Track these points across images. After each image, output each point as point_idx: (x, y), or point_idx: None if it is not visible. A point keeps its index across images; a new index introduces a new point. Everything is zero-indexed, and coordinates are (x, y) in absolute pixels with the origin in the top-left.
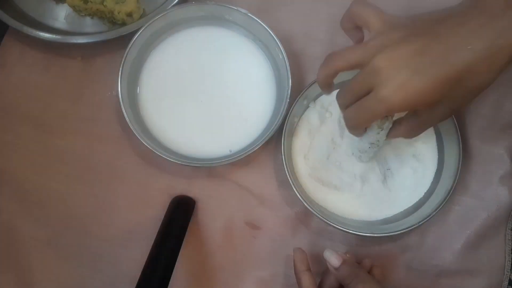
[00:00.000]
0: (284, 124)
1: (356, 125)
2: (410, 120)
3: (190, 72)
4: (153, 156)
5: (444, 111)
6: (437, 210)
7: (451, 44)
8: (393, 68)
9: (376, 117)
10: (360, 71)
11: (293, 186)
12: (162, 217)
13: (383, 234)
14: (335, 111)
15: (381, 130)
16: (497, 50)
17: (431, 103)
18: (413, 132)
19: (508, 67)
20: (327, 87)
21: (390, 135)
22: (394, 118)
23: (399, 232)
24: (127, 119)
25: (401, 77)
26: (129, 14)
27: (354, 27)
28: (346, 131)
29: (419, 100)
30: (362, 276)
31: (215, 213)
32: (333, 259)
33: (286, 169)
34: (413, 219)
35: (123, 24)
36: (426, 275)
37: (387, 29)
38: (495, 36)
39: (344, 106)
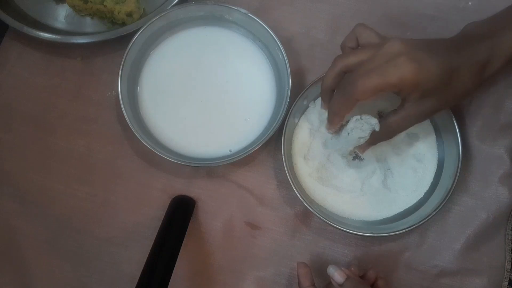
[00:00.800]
0: (284, 124)
1: (362, 88)
2: (398, 112)
3: (190, 72)
4: (153, 156)
5: (429, 106)
6: (437, 210)
7: (447, 46)
8: (411, 47)
9: (383, 82)
10: (370, 58)
11: (293, 186)
12: (162, 217)
13: (383, 234)
14: None
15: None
16: (475, 67)
17: (430, 87)
18: (398, 127)
19: (483, 81)
20: (330, 93)
21: (383, 128)
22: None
23: (399, 232)
24: (127, 119)
25: (418, 54)
26: (129, 14)
27: (354, 47)
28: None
29: (426, 79)
30: None
31: (215, 213)
32: (337, 276)
33: (286, 169)
34: (413, 219)
35: (123, 24)
36: (426, 275)
37: None
38: (472, 55)
39: (344, 69)
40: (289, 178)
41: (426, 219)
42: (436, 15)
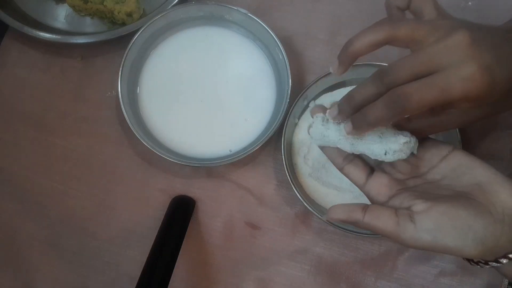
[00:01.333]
0: (284, 124)
1: (417, 104)
2: (435, 116)
3: (190, 72)
4: (153, 156)
5: (475, 116)
6: None
7: None
8: (480, 48)
9: (444, 98)
10: (426, 46)
11: (293, 186)
12: (162, 217)
13: None
14: None
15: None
16: None
17: (489, 100)
18: (427, 131)
19: None
20: (351, 61)
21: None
22: None
23: None
24: (127, 119)
25: (488, 59)
26: (129, 14)
27: (402, 7)
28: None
29: (491, 93)
30: None
31: (215, 213)
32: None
33: (286, 169)
34: None
35: (123, 24)
36: (426, 275)
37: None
38: None
39: (394, 84)
40: (289, 178)
41: None
42: None
